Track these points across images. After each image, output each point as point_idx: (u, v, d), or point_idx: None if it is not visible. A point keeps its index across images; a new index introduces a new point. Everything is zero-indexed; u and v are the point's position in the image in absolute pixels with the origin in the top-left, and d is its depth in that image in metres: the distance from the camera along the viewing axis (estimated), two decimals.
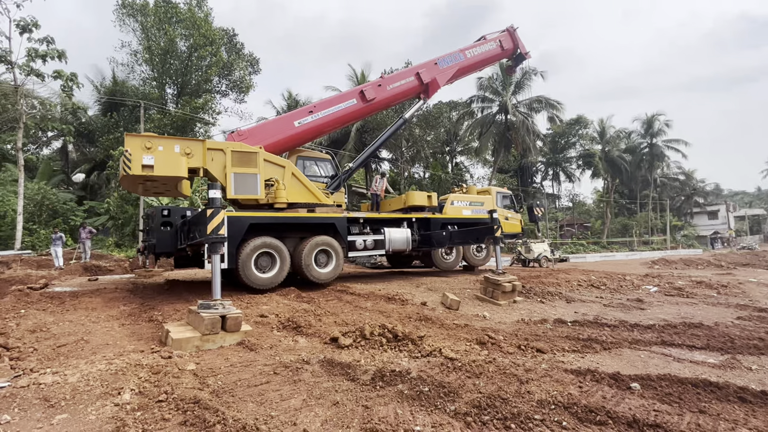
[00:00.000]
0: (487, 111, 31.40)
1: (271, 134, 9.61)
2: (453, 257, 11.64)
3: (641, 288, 10.95)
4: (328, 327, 5.64)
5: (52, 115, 19.77)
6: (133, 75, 23.91)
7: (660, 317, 7.23)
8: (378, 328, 5.12)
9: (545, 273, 12.53)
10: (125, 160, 7.10)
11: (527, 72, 29.24)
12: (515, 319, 6.89)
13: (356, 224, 9.65)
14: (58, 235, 14.57)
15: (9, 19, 15.17)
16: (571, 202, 54.78)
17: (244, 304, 7.08)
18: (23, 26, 15.33)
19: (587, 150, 44.27)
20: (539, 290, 9.33)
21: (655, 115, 44.19)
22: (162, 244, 7.20)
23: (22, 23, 15.29)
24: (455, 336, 5.51)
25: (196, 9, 21.19)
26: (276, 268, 8.05)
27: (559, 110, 30.60)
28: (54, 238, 14.51)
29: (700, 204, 61.35)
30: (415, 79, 11.27)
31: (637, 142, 45.87)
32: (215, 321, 4.68)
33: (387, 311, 6.93)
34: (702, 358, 4.90)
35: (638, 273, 15.09)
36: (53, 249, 14.44)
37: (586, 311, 7.68)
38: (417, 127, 26.47)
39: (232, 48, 23.79)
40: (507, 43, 13.22)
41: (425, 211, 11.21)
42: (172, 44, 20.37)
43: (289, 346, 4.86)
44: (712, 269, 20.70)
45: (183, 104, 20.28)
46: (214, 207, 4.99)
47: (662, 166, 49.18)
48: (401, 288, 9.28)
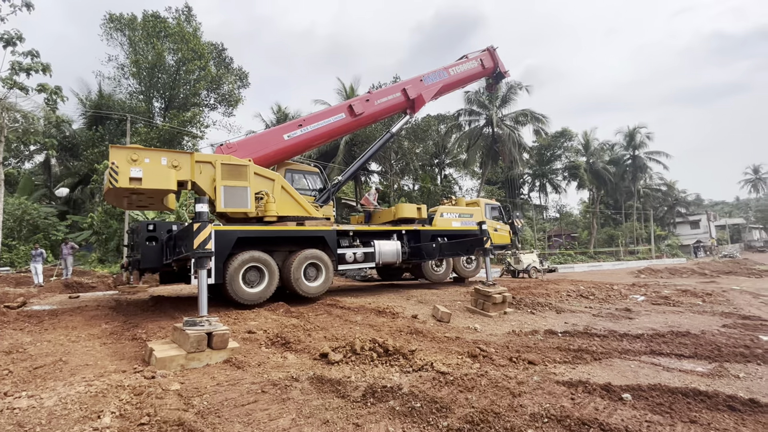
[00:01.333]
0: (475, 124, 31.95)
1: (261, 147, 9.58)
2: (443, 269, 11.64)
3: (629, 297, 11.07)
4: (317, 342, 5.54)
5: (34, 129, 19.39)
6: (119, 88, 23.72)
7: (648, 326, 7.30)
8: (368, 342, 5.04)
9: (535, 284, 12.60)
10: (111, 173, 6.98)
11: (513, 86, 29.95)
12: (506, 331, 6.88)
13: (346, 237, 9.60)
14: (39, 251, 14.16)
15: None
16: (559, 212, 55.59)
17: (232, 320, 6.93)
18: (7, 39, 15.11)
19: (572, 162, 45.19)
20: (529, 301, 9.35)
21: (636, 127, 45.55)
22: (147, 259, 7.04)
23: (6, 36, 15.07)
24: (447, 349, 5.46)
25: (185, 24, 21.26)
26: (264, 283, 7.92)
27: (544, 123, 31.30)
28: (34, 254, 14.09)
29: (683, 214, 63.01)
30: (402, 94, 11.53)
31: (620, 154, 47.08)
32: (201, 338, 4.56)
33: (377, 325, 6.85)
34: (691, 367, 4.93)
35: (625, 282, 15.28)
36: (33, 266, 14.01)
37: (576, 322, 7.71)
38: (406, 140, 26.71)
39: (221, 62, 23.85)
40: (488, 61, 13.82)
41: (415, 224, 11.23)
42: (160, 58, 20.32)
43: (277, 363, 4.74)
44: (696, 278, 21.11)
45: (171, 117, 20.14)
46: (201, 221, 4.91)
47: (645, 177, 50.51)
48: (392, 301, 9.21)
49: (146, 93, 22.29)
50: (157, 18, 21.49)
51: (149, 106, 22.58)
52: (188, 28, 21.31)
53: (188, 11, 21.59)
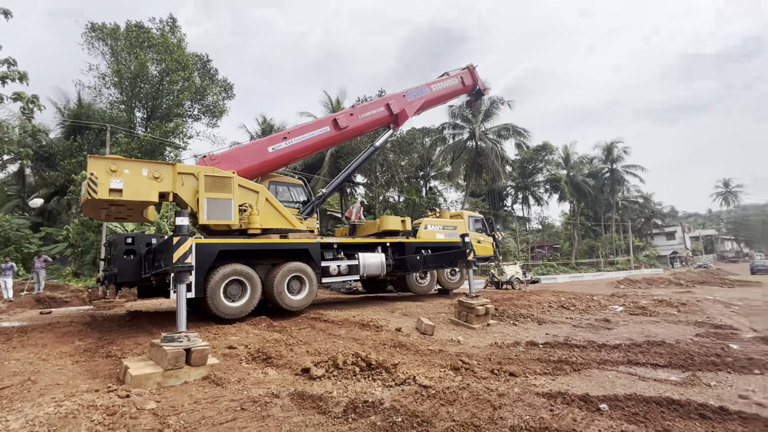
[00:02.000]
0: (459, 137, 32.53)
1: (245, 159, 9.54)
2: (427, 281, 11.69)
3: (608, 308, 11.31)
4: (299, 357, 5.48)
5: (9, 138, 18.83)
6: (100, 98, 23.31)
7: (626, 336, 7.48)
8: (351, 356, 5.02)
9: (517, 295, 12.76)
10: (90, 184, 6.83)
11: (495, 101, 30.72)
12: (489, 343, 6.94)
13: (330, 250, 9.58)
14: (9, 265, 13.62)
15: None
16: (541, 224, 56.60)
17: (212, 335, 6.79)
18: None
19: (553, 175, 46.30)
20: (512, 313, 9.46)
21: (614, 142, 47.16)
22: (124, 273, 6.86)
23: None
24: (430, 362, 5.47)
25: (169, 34, 21.16)
26: (246, 297, 7.80)
27: (525, 137, 32.11)
28: (4, 267, 13.54)
29: (659, 225, 65.09)
30: (386, 109, 11.75)
31: (599, 168, 48.54)
32: (179, 355, 4.45)
33: (361, 338, 6.81)
34: (665, 376, 5.07)
35: (605, 293, 15.63)
36: (2, 280, 13.46)
37: (557, 332, 7.83)
38: (391, 153, 26.96)
39: (206, 73, 23.75)
40: (467, 79, 14.30)
41: (399, 236, 11.29)
42: (143, 68, 20.12)
43: (258, 379, 4.66)
44: (672, 287, 21.72)
45: (153, 128, 19.85)
46: (181, 234, 4.85)
47: (623, 189, 52.13)
48: (376, 314, 9.18)
49: (128, 103, 21.95)
50: (141, 28, 21.34)
51: (131, 117, 22.22)
52: (172, 38, 21.22)
53: (172, 22, 21.52)
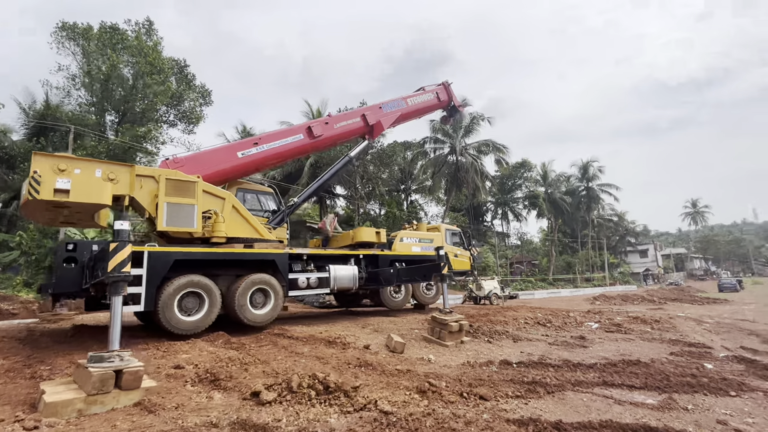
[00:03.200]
0: (440, 152, 32.72)
1: (211, 164, 9.05)
2: (402, 295, 11.31)
3: (584, 325, 11.16)
4: (252, 379, 4.97)
5: None
6: (68, 100, 22.31)
7: (601, 355, 7.26)
8: (308, 378, 4.56)
9: (494, 311, 12.50)
10: (32, 183, 6.21)
11: (476, 117, 31.12)
12: (461, 362, 6.58)
13: (299, 261, 9.10)
14: None
15: None
16: (520, 240, 57.27)
17: (161, 352, 6.19)
18: None
19: (532, 191, 47.14)
20: (487, 329, 9.16)
21: (589, 161, 48.54)
22: (63, 283, 6.19)
23: None
24: (395, 384, 5.06)
25: (145, 37, 20.55)
26: (204, 311, 7.23)
27: (505, 153, 32.57)
28: None
29: (632, 243, 66.94)
30: (361, 120, 11.59)
31: (575, 185, 49.75)
32: (106, 377, 3.91)
33: (325, 357, 6.34)
34: (641, 399, 4.82)
35: (581, 309, 15.57)
36: None
37: (532, 351, 7.55)
38: (371, 165, 26.75)
39: (183, 78, 23.14)
40: (443, 95, 14.41)
41: (374, 248, 10.93)
42: (115, 70, 19.37)
43: (199, 405, 4.14)
44: (646, 304, 22.02)
45: (123, 132, 19.02)
46: (119, 240, 4.35)
47: (598, 207, 53.49)
48: (346, 330, 8.71)
49: (98, 105, 21.05)
50: (115, 30, 20.67)
51: (100, 119, 21.29)
52: (148, 41, 20.60)
53: (149, 25, 20.94)
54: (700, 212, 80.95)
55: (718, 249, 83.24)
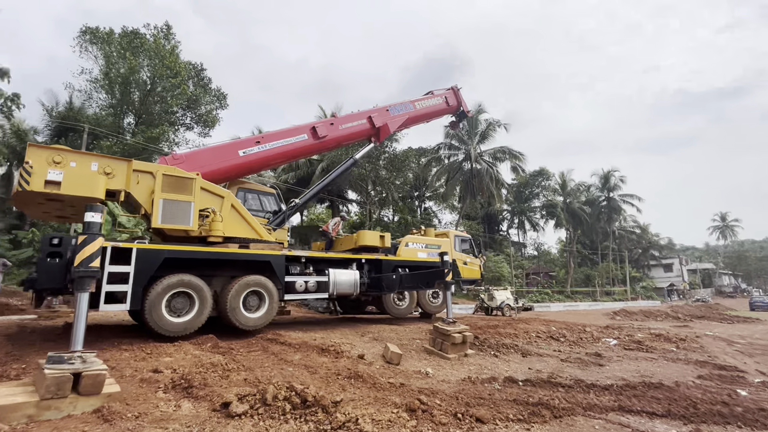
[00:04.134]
0: (454, 158, 32.14)
1: (212, 161, 8.85)
2: (406, 303, 10.81)
3: (601, 341, 10.41)
4: (229, 388, 4.59)
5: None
6: (90, 102, 22.89)
7: (619, 375, 6.60)
8: (284, 390, 4.15)
9: (504, 322, 11.85)
10: (23, 173, 6.09)
11: (491, 123, 30.50)
12: (461, 377, 6.05)
13: (297, 264, 8.75)
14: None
15: None
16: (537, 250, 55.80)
17: (145, 354, 5.91)
18: None
19: (550, 201, 45.88)
20: (494, 342, 8.58)
21: (610, 171, 46.96)
22: (45, 278, 5.99)
23: None
24: (384, 399, 4.60)
25: (163, 41, 20.93)
26: (193, 312, 6.93)
27: (521, 160, 31.75)
28: None
29: (656, 257, 64.24)
30: (368, 122, 11.34)
31: (595, 195, 48.15)
32: (63, 381, 3.59)
33: (315, 366, 5.93)
34: (663, 429, 4.22)
35: (599, 324, 14.69)
36: None
37: (542, 367, 6.95)
38: (384, 170, 26.41)
39: (199, 82, 23.44)
40: (452, 100, 14.13)
41: (378, 253, 10.51)
42: (133, 72, 19.74)
43: (163, 415, 3.79)
44: (669, 321, 20.76)
45: (137, 133, 19.30)
46: (89, 233, 4.08)
47: (620, 219, 51.62)
48: (343, 337, 8.29)
49: (117, 107, 21.49)
50: (136, 34, 21.13)
51: (119, 121, 21.71)
52: (166, 45, 20.97)
53: (167, 29, 21.34)
54: (729, 226, 77.29)
55: (748, 265, 79.16)
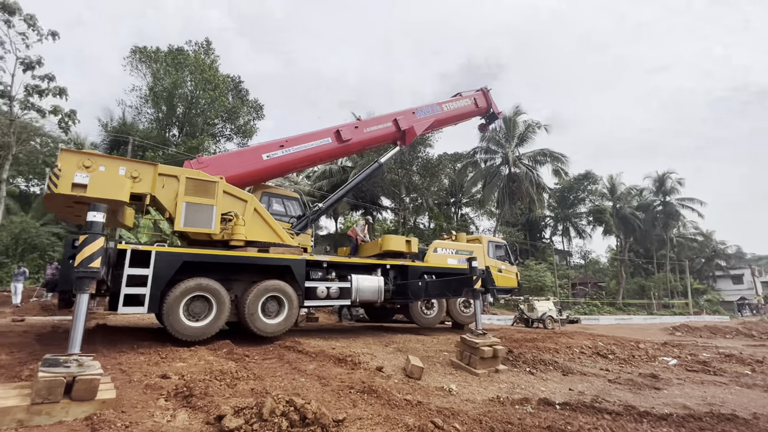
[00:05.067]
0: (491, 162, 31.00)
1: (236, 165, 8.89)
2: (434, 312, 10.22)
3: (658, 360, 9.21)
4: (230, 398, 4.32)
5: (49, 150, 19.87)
6: (139, 117, 24.49)
7: (680, 402, 5.63)
8: (283, 404, 3.79)
9: (544, 336, 10.90)
10: (52, 177, 6.31)
11: (530, 125, 29.16)
12: (489, 397, 5.40)
13: (319, 269, 8.49)
14: (21, 270, 13.72)
15: (15, 57, 15.65)
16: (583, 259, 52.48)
17: (158, 358, 5.83)
18: (27, 64, 15.77)
19: (597, 206, 43.05)
20: (530, 357, 7.78)
21: (666, 173, 43.34)
22: (66, 279, 6.15)
23: (26, 61, 15.74)
24: (395, 419, 4.11)
25: (203, 56, 22.01)
26: (211, 317, 6.83)
27: (564, 163, 29.99)
28: (16, 272, 13.64)
29: (723, 267, 58.06)
30: (393, 125, 11.03)
31: (649, 200, 44.57)
32: (55, 385, 3.46)
33: (328, 377, 5.55)
34: None
35: (656, 340, 13.18)
36: (14, 285, 13.53)
37: (584, 388, 6.12)
38: (417, 175, 25.92)
39: (237, 94, 24.38)
40: (481, 101, 13.57)
41: (406, 258, 10.04)
42: (176, 87, 20.87)
43: (154, 426, 3.55)
44: (741, 339, 18.38)
45: (178, 144, 20.31)
46: (91, 233, 3.99)
47: (678, 225, 47.34)
48: (365, 347, 7.86)
49: (162, 121, 22.79)
50: (180, 51, 22.38)
51: (164, 134, 22.99)
52: (207, 60, 22.02)
53: (207, 44, 22.46)
54: None
55: None
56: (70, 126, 17.57)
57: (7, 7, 14.92)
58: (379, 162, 11.01)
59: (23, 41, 15.66)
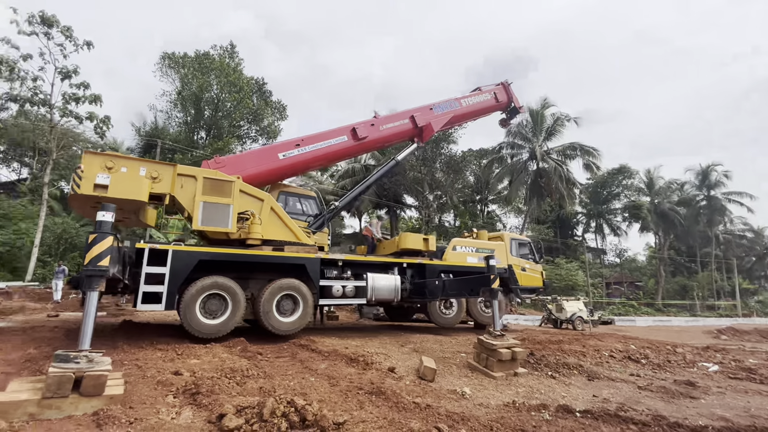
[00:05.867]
0: (518, 158, 30.08)
1: (252, 165, 9.00)
2: (453, 312, 9.96)
3: (697, 365, 8.55)
4: (236, 397, 4.32)
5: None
6: (169, 121, 25.48)
7: (717, 413, 5.15)
8: (284, 405, 3.73)
9: (572, 337, 10.40)
10: (75, 178, 6.58)
11: (559, 118, 28.05)
12: (504, 401, 5.15)
13: (334, 268, 8.44)
14: (61, 269, 14.55)
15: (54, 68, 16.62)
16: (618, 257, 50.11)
17: (174, 355, 5.96)
18: (65, 73, 16.71)
19: (633, 202, 40.91)
20: (553, 360, 7.40)
21: (711, 165, 40.57)
22: None
23: (64, 70, 16.68)
24: (400, 424, 3.96)
25: (228, 59, 22.59)
26: (227, 314, 6.93)
27: (595, 157, 28.65)
28: (57, 270, 14.49)
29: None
30: (410, 122, 10.86)
31: (691, 194, 41.89)
32: (64, 380, 3.55)
33: (338, 377, 5.47)
34: None
35: (696, 344, 12.30)
36: (54, 282, 14.37)
37: (611, 395, 5.73)
38: (440, 172, 25.52)
39: (261, 95, 24.87)
40: (501, 95, 13.16)
41: (424, 257, 9.85)
42: (203, 91, 21.53)
43: (157, 424, 3.58)
44: None
45: (205, 146, 20.97)
46: (99, 232, 4.08)
47: (724, 221, 44.26)
48: (381, 347, 7.75)
49: (190, 124, 23.60)
50: (206, 56, 23.08)
51: (192, 137, 23.80)
52: (231, 63, 22.59)
53: (231, 48, 23.06)
54: None
55: None
56: (105, 131, 18.47)
57: (47, 20, 15.87)
58: (395, 159, 10.87)
59: (61, 52, 16.63)
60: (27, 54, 16.63)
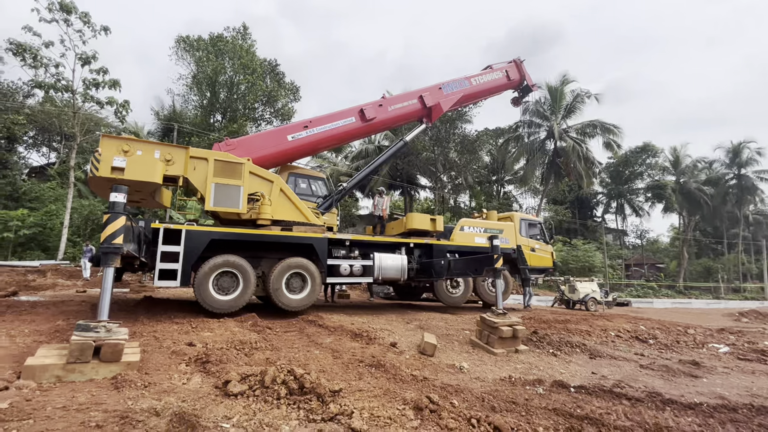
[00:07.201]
0: (534, 137, 29.34)
1: (262, 147, 9.17)
2: (460, 291, 10.09)
3: (706, 346, 8.49)
4: (242, 366, 4.61)
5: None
6: (186, 105, 25.86)
7: (717, 392, 5.18)
8: (284, 374, 3.98)
9: (579, 318, 10.42)
10: (93, 161, 6.91)
11: (579, 95, 27.05)
12: (500, 376, 5.31)
13: (342, 247, 8.65)
14: (89, 248, 15.33)
15: (74, 54, 17.06)
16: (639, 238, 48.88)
17: (189, 328, 6.33)
18: (84, 59, 17.13)
19: (657, 181, 39.51)
20: (557, 339, 7.49)
21: (743, 142, 38.55)
22: None
23: (83, 56, 17.10)
24: (395, 393, 4.17)
25: (240, 41, 22.59)
26: (238, 291, 7.26)
27: (616, 135, 27.63)
28: (85, 250, 15.30)
29: None
30: (418, 102, 10.71)
31: (720, 173, 40.08)
32: (85, 347, 3.89)
33: (342, 351, 5.73)
34: None
35: (711, 326, 12.11)
36: (83, 261, 15.18)
37: (610, 373, 5.81)
38: (453, 151, 25.21)
39: (274, 77, 24.89)
40: (513, 73, 12.78)
41: (432, 237, 9.94)
42: (217, 73, 21.71)
43: (169, 388, 3.89)
44: None
45: (220, 129, 21.30)
46: (113, 212, 4.34)
47: (755, 201, 42.29)
48: (387, 324, 7.99)
49: (206, 107, 23.93)
50: (220, 38, 23.13)
51: (208, 120, 24.17)
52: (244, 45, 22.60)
53: (244, 30, 22.99)
54: None
55: None
56: (125, 115, 18.98)
57: (65, 7, 16.21)
58: (404, 140, 10.83)
59: (80, 38, 17.02)
60: (49, 41, 17.09)
